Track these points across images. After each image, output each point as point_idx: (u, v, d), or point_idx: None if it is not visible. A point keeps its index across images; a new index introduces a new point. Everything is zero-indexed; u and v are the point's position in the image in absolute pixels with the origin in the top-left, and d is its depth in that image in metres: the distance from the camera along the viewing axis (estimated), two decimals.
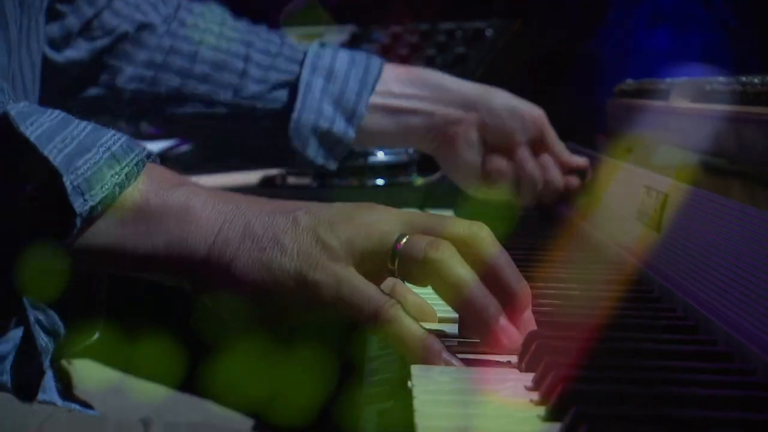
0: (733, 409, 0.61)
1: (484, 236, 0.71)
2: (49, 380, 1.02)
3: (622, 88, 1.33)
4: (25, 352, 0.85)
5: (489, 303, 0.69)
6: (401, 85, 1.28)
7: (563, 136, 1.33)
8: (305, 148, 1.25)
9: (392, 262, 0.69)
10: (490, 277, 0.70)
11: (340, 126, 1.25)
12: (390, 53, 1.82)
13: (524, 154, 1.27)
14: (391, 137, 1.28)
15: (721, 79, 1.00)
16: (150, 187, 0.71)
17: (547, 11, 1.97)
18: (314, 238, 0.69)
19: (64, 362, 1.22)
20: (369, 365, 0.80)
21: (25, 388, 0.85)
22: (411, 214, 0.73)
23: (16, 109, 0.70)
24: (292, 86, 1.26)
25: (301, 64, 1.26)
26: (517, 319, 0.71)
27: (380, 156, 1.56)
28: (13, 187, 0.70)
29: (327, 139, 1.25)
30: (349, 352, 0.84)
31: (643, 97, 1.22)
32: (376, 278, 0.71)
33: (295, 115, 1.24)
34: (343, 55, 1.28)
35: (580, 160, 1.29)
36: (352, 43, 1.89)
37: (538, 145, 1.28)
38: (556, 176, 1.27)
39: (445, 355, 0.68)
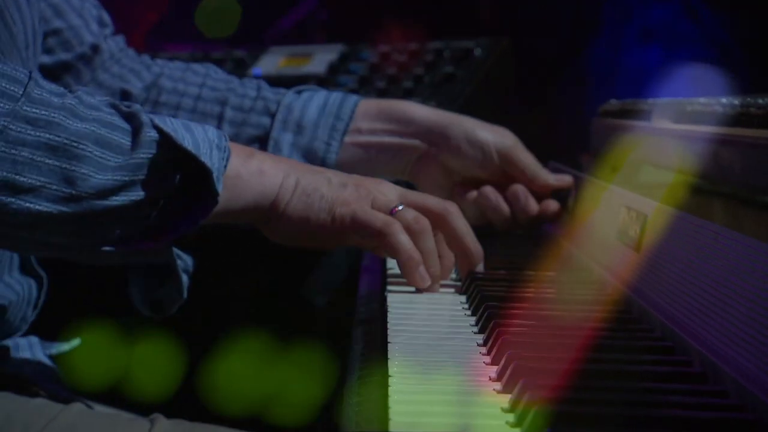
0: (708, 431, 0.61)
1: (452, 211, 1.05)
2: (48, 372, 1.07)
3: (606, 108, 1.34)
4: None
5: (436, 271, 1.02)
6: (370, 120, 1.32)
7: (548, 155, 1.33)
8: None
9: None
10: (453, 240, 1.05)
11: None
12: (378, 72, 1.83)
13: (487, 187, 1.29)
14: (362, 170, 1.30)
15: (702, 100, 1.00)
16: (237, 161, 0.97)
17: (534, 30, 1.98)
18: (341, 189, 1.02)
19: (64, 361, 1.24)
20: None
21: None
22: (405, 190, 1.07)
23: (162, 123, 0.91)
24: (263, 141, 1.31)
25: (274, 116, 1.31)
26: (472, 269, 1.06)
27: None
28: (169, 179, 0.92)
29: None
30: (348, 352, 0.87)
31: (626, 118, 1.22)
32: None
33: None
34: (317, 102, 1.33)
35: (562, 180, 1.29)
36: (341, 62, 1.90)
37: (507, 174, 1.29)
38: (528, 205, 1.28)
39: (421, 269, 1.01)
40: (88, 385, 1.28)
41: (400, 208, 1.03)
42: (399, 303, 0.96)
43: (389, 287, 1.02)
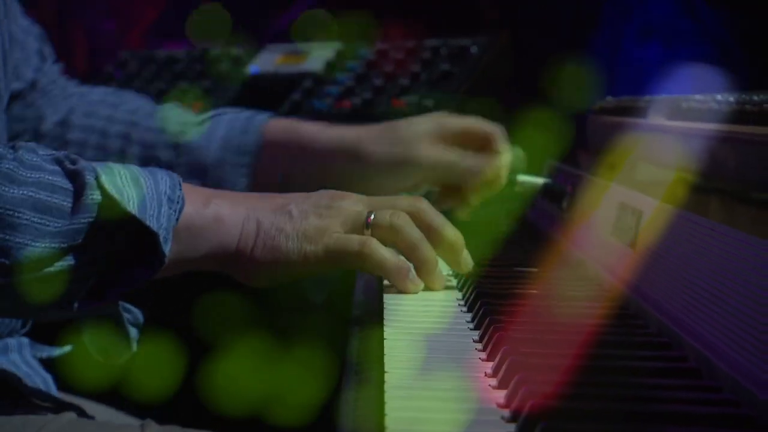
0: (701, 426, 0.62)
1: (424, 207, 1.00)
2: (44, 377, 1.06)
3: (602, 105, 1.34)
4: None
5: (431, 254, 0.99)
6: (274, 148, 1.31)
7: (546, 152, 1.33)
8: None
9: (366, 230, 0.97)
10: (431, 233, 1.00)
11: None
12: (375, 69, 1.83)
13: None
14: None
15: (698, 97, 1.01)
16: (191, 209, 0.92)
17: (533, 27, 1.98)
18: (304, 222, 0.95)
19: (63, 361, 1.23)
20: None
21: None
22: (370, 197, 1.01)
23: (108, 182, 0.86)
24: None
25: (178, 153, 1.30)
26: (458, 258, 1.01)
27: None
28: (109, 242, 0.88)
29: None
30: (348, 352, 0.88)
31: (623, 115, 1.23)
32: None
33: None
34: (219, 134, 1.31)
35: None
36: (338, 60, 1.90)
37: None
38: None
39: (411, 275, 0.97)
40: (87, 387, 1.28)
41: (373, 216, 0.98)
42: (395, 300, 0.96)
43: (386, 283, 1.02)
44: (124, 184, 0.87)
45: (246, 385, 1.43)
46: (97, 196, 0.86)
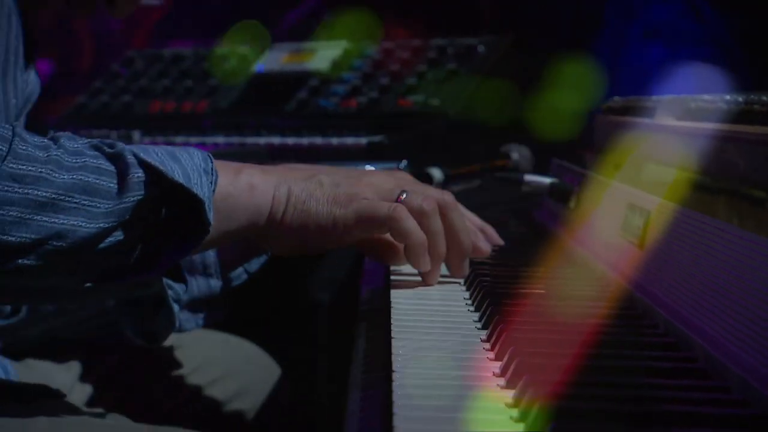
0: (709, 427, 0.62)
1: (451, 204, 1.02)
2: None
3: (609, 105, 1.34)
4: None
5: (443, 249, 1.01)
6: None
7: (551, 152, 1.33)
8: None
9: None
10: (450, 231, 1.01)
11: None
12: (382, 69, 1.83)
13: None
14: None
15: (706, 97, 1.01)
16: (225, 181, 0.94)
17: (538, 27, 1.98)
18: (335, 189, 0.98)
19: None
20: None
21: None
22: (399, 178, 1.08)
23: (148, 157, 0.89)
24: None
25: None
26: (460, 263, 1.03)
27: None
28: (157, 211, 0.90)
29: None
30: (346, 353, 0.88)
31: (630, 115, 1.23)
32: None
33: None
34: None
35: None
36: (344, 58, 1.90)
37: None
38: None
39: (426, 253, 0.99)
40: (87, 383, 1.28)
41: (405, 195, 1.01)
42: (402, 298, 0.96)
43: (393, 282, 1.02)
44: (164, 160, 0.90)
45: (245, 385, 1.42)
46: (140, 174, 0.88)
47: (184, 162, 0.91)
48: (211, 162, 0.94)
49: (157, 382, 1.31)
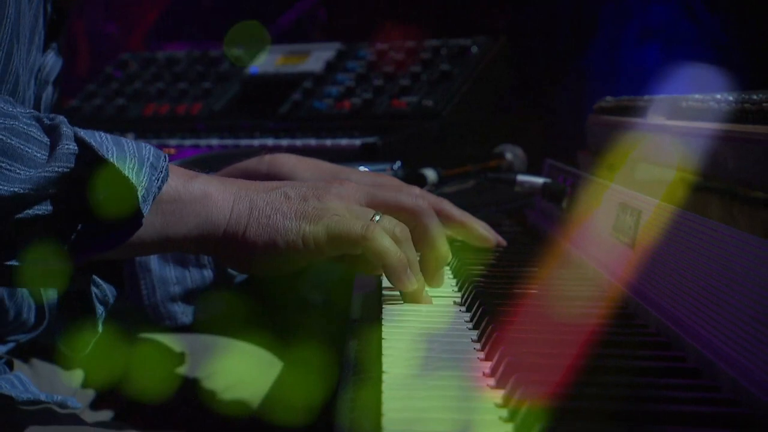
0: (700, 426, 0.61)
1: (426, 210, 0.98)
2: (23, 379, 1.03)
3: (602, 105, 1.34)
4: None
5: (417, 269, 0.94)
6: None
7: (545, 152, 1.33)
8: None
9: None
10: (423, 238, 0.98)
11: None
12: (376, 70, 1.83)
13: None
14: None
15: (697, 96, 1.00)
16: (177, 182, 0.87)
17: (532, 29, 1.98)
18: (303, 204, 0.90)
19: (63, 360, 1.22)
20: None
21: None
22: (371, 187, 0.99)
23: (87, 135, 0.83)
24: None
25: None
26: (434, 273, 0.99)
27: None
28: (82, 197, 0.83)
29: None
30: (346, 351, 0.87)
31: (622, 114, 1.22)
32: None
33: None
34: None
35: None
36: (339, 60, 1.90)
37: None
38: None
39: (408, 271, 0.92)
40: (90, 385, 1.28)
41: (377, 218, 0.93)
42: (394, 300, 0.96)
43: (384, 284, 1.02)
44: (104, 141, 0.84)
45: (246, 385, 1.42)
46: (72, 146, 0.82)
47: (126, 148, 0.84)
48: (165, 161, 0.87)
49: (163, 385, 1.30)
